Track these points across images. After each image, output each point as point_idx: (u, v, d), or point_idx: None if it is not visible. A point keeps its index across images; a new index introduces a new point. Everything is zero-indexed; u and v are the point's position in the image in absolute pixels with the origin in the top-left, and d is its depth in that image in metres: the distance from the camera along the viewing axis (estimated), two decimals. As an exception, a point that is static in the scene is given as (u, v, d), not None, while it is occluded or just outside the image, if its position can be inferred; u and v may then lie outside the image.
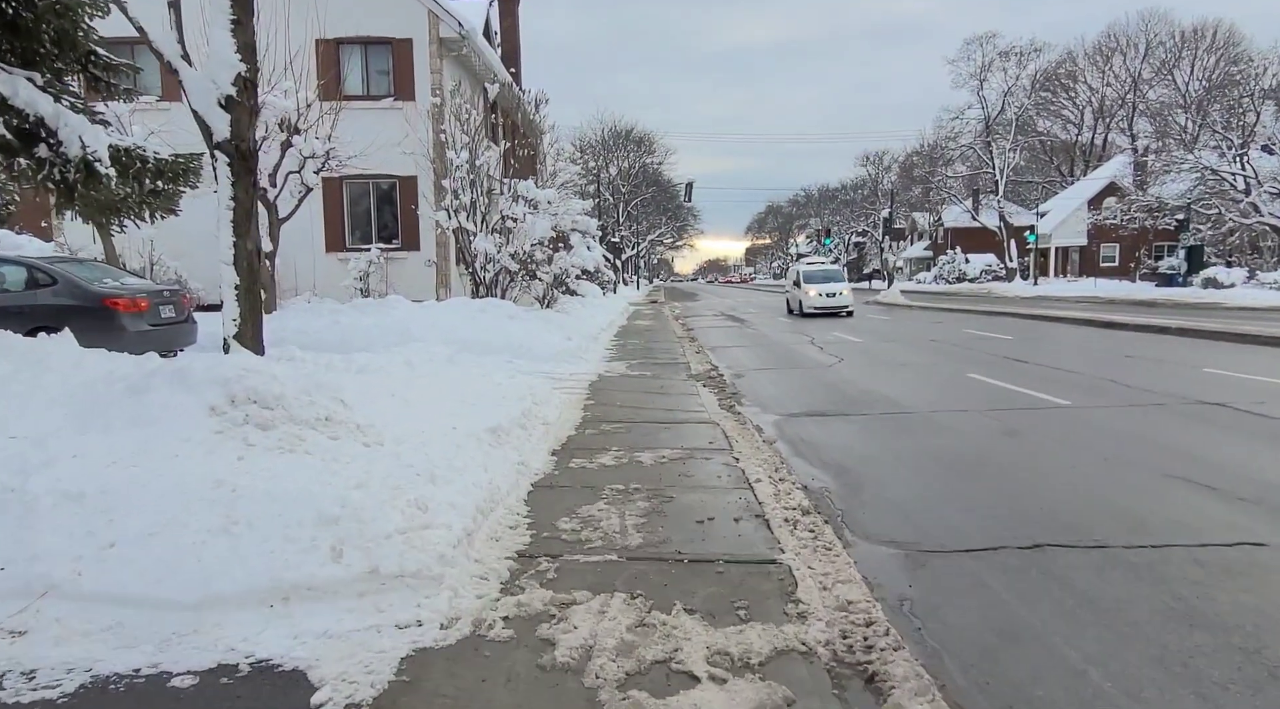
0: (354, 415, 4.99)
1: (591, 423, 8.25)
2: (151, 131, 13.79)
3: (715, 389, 11.49)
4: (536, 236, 14.88)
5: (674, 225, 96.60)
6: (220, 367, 4.66)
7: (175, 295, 11.47)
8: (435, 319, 13.57)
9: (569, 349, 13.46)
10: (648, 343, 18.32)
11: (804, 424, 8.81)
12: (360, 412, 5.13)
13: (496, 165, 16.82)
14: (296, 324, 13.34)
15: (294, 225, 18.25)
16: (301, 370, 5.15)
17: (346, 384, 5.74)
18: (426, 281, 18.70)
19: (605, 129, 77.16)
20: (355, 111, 18.28)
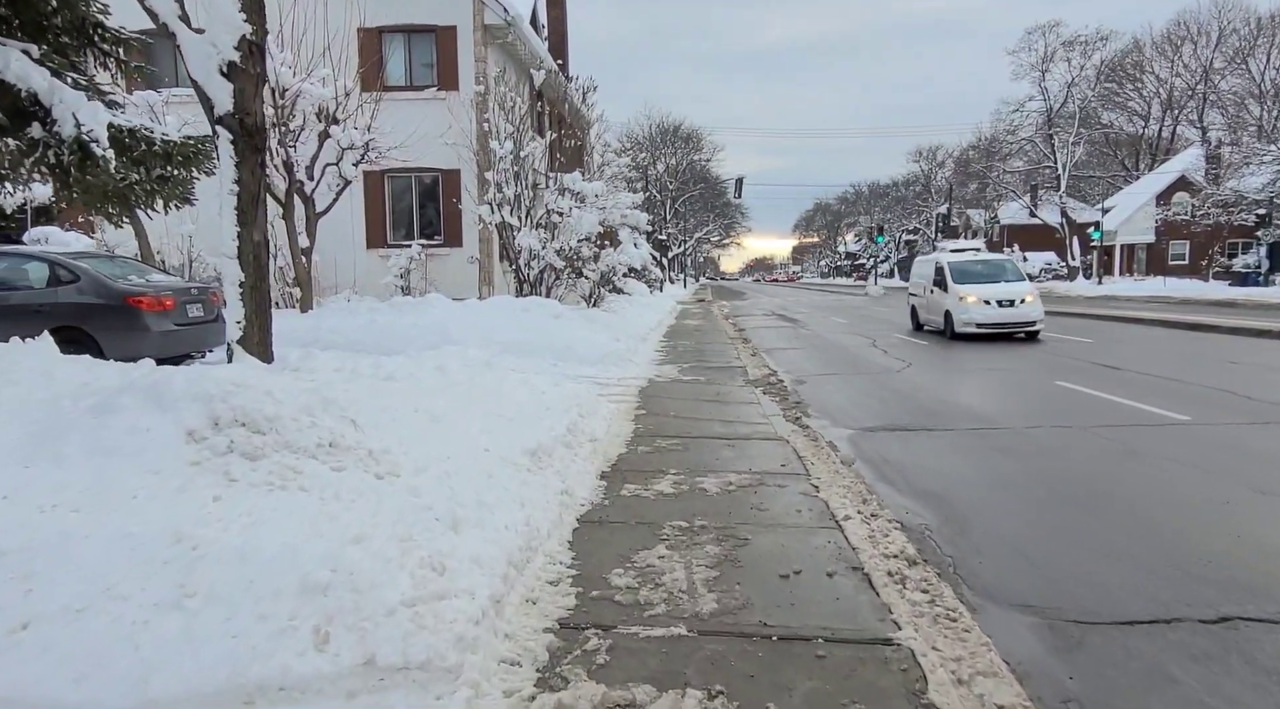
0: (366, 439, 4.16)
1: (645, 438, 7.35)
2: (186, 122, 13.27)
3: (776, 397, 10.52)
4: (583, 232, 14.05)
5: (721, 223, 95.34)
6: (204, 381, 3.86)
7: (204, 293, 10.86)
8: (476, 319, 12.80)
9: (617, 351, 12.59)
10: (699, 344, 17.38)
11: (883, 441, 7.80)
12: (375, 433, 4.31)
13: (542, 157, 16.03)
14: (332, 323, 12.69)
15: (334, 221, 17.69)
16: (305, 384, 4.35)
17: (364, 398, 4.92)
18: (469, 279, 18.00)
19: (652, 125, 76.29)
20: (397, 102, 17.63)
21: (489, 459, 4.65)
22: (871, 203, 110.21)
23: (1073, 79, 56.85)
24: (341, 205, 17.96)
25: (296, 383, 4.34)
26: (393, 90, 17.99)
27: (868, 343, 17.78)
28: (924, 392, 10.80)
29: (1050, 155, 57.55)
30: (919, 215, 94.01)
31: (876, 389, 11.20)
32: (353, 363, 7.42)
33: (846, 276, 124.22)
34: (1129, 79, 64.90)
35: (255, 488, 3.39)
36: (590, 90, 21.00)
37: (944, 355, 15.15)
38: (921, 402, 10.03)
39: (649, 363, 13.44)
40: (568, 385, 8.43)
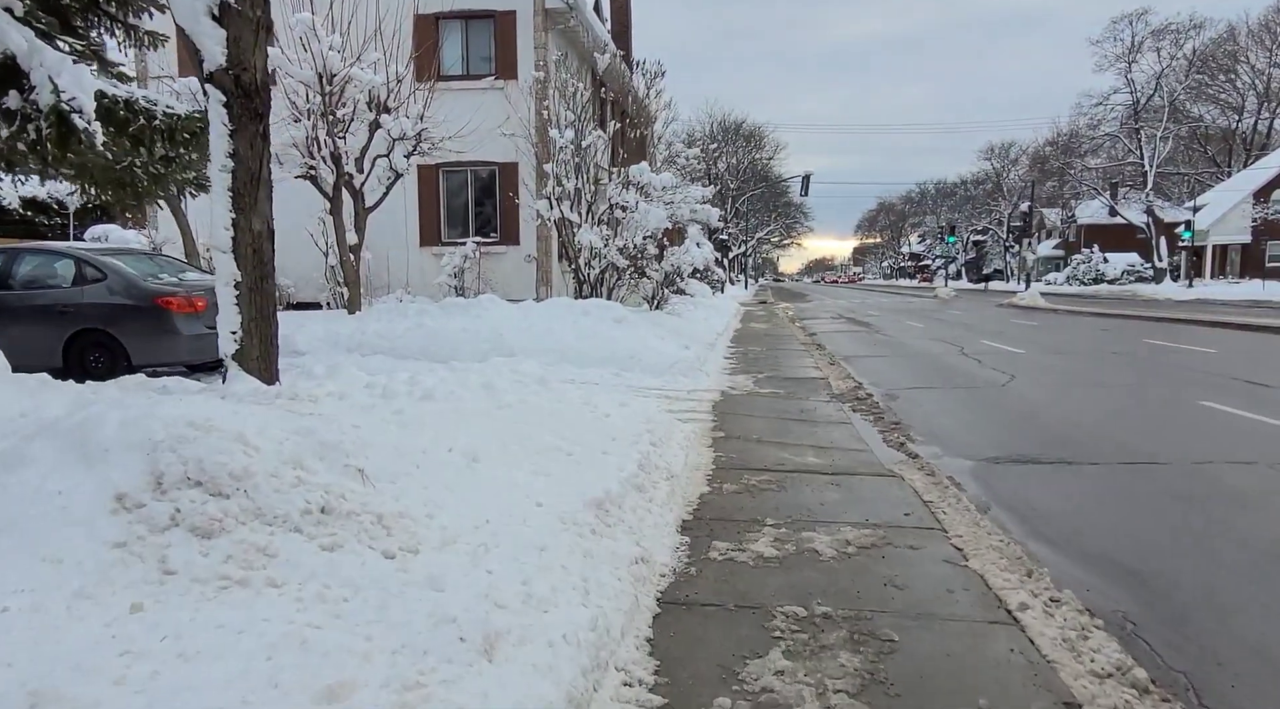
0: (377, 497, 3.07)
1: (729, 471, 6.14)
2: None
3: (869, 415, 9.20)
4: (649, 228, 12.93)
5: (782, 223, 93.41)
6: (149, 421, 2.80)
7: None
8: (532, 323, 11.75)
9: (686, 360, 11.39)
10: (770, 350, 16.08)
11: (1016, 478, 6.45)
12: (391, 488, 3.21)
13: (605, 150, 14.93)
14: (378, 327, 11.78)
15: (385, 218, 16.88)
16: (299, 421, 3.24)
17: (381, 435, 3.82)
18: (526, 279, 17.01)
19: (714, 123, 74.93)
20: (454, 93, 16.74)
21: (541, 519, 3.51)
22: (938, 202, 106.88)
23: (1162, 70, 53.70)
24: (394, 201, 17.14)
25: (287, 419, 3.26)
26: (448, 80, 17.11)
27: (955, 350, 16.24)
28: (1043, 411, 9.36)
29: (1136, 151, 54.43)
30: (989, 214, 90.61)
31: (984, 407, 9.79)
32: (387, 377, 6.37)
33: (910, 278, 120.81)
34: (1221, 70, 61.14)
35: (201, 586, 2.32)
36: (658, 76, 19.80)
37: (1049, 367, 13.58)
38: (1045, 424, 8.60)
39: (720, 372, 12.22)
40: (635, 404, 7.26)
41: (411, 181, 17.36)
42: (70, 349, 8.87)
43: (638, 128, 19.00)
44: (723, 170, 75.84)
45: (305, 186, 13.26)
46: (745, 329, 22.35)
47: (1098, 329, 21.67)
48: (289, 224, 15.92)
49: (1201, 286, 46.20)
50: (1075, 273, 63.45)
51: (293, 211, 14.31)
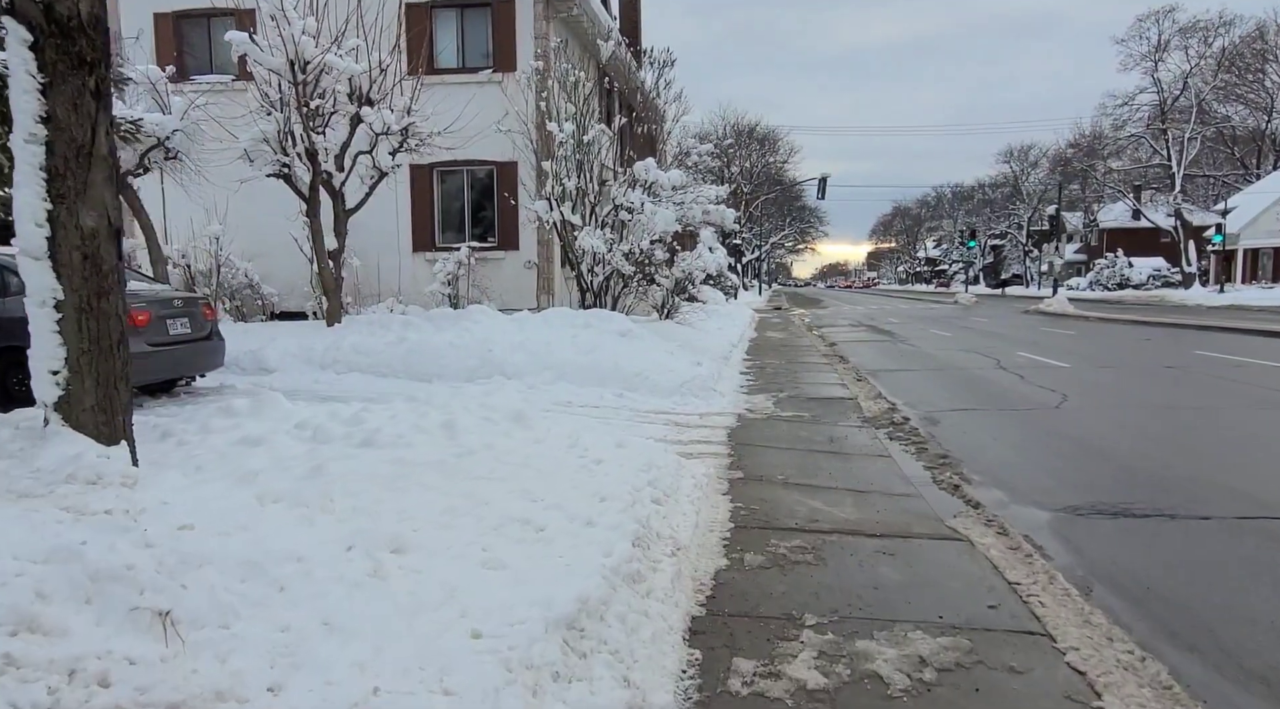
0: (180, 668, 1.84)
1: (751, 531, 4.88)
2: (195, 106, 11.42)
3: (910, 445, 7.93)
4: (657, 231, 11.70)
5: (797, 227, 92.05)
6: None
7: (192, 305, 8.83)
8: (527, 336, 10.54)
9: (698, 378, 10.14)
10: (789, 363, 14.80)
11: (1110, 537, 5.16)
12: (217, 641, 2.00)
13: (610, 146, 13.72)
14: (356, 341, 10.59)
15: (376, 221, 15.74)
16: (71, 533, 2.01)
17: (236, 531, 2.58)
18: (526, 287, 15.82)
19: (727, 126, 73.70)
20: (448, 87, 15.60)
21: (473, 671, 2.26)
22: (955, 206, 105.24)
23: (1190, 69, 52.02)
24: (384, 203, 16.02)
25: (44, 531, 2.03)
26: (442, 73, 16.00)
27: (991, 363, 14.91)
28: (1112, 441, 8.05)
29: (1162, 152, 52.74)
30: (1008, 218, 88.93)
31: (1041, 435, 8.49)
32: (327, 415, 5.16)
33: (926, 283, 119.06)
34: (1249, 69, 59.35)
35: None
36: (667, 65, 18.52)
37: (1101, 384, 12.25)
38: (1121, 459, 7.30)
39: (736, 390, 10.96)
40: (636, 442, 6.00)
41: (403, 182, 16.22)
42: None
43: (645, 123, 17.78)
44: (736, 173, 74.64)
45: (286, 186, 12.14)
46: (761, 339, 21.08)
47: (1139, 338, 20.25)
48: (272, 227, 14.90)
49: (1233, 292, 44.54)
50: (1099, 278, 61.83)
51: (275, 213, 13.23)
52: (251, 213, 14.39)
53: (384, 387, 9.71)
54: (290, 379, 9.92)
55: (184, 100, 11.26)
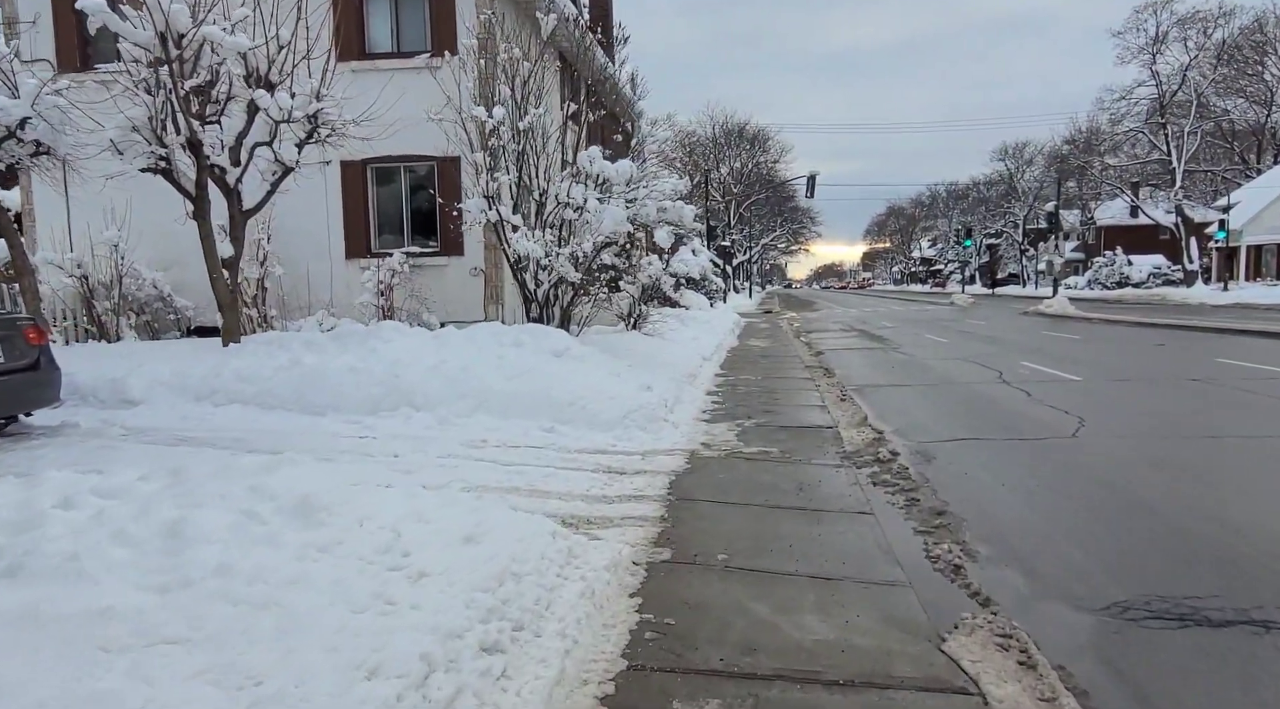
0: None
1: (645, 687, 3.19)
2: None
3: (900, 496, 6.28)
4: (605, 231, 10.03)
5: (789, 228, 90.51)
6: None
7: (9, 326, 7.12)
8: (445, 358, 8.85)
9: (646, 405, 8.46)
10: (767, 378, 13.13)
11: (1190, 670, 3.50)
12: None
13: (561, 136, 12.03)
14: (239, 367, 8.89)
15: (304, 225, 14.08)
16: None
17: None
18: (472, 297, 14.14)
19: (716, 126, 72.13)
20: (382, 73, 13.93)
21: None
22: (949, 205, 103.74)
23: (1189, 61, 50.44)
24: (314, 205, 14.36)
25: None
26: (376, 58, 14.34)
27: (992, 376, 13.27)
28: (1155, 489, 6.38)
29: (1161, 147, 51.14)
30: (1003, 217, 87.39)
31: (1063, 478, 6.81)
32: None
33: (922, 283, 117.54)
34: (1249, 63, 57.83)
35: None
36: (622, 42, 16.83)
37: (1120, 402, 10.60)
38: (1174, 519, 5.62)
39: (695, 419, 9.27)
40: (502, 529, 4.24)
41: (334, 182, 14.57)
42: None
43: (618, 119, 16.06)
44: (725, 174, 72.97)
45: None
46: (741, 348, 19.41)
47: (1149, 343, 18.62)
48: (186, 233, 12.99)
49: (1237, 290, 43.00)
50: (1097, 276, 60.36)
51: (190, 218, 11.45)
52: (161, 217, 12.64)
53: (264, 424, 8.03)
54: (152, 414, 8.24)
55: (37, 84, 9.56)
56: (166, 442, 7.30)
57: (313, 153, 13.21)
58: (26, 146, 10.22)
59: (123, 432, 7.68)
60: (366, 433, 7.69)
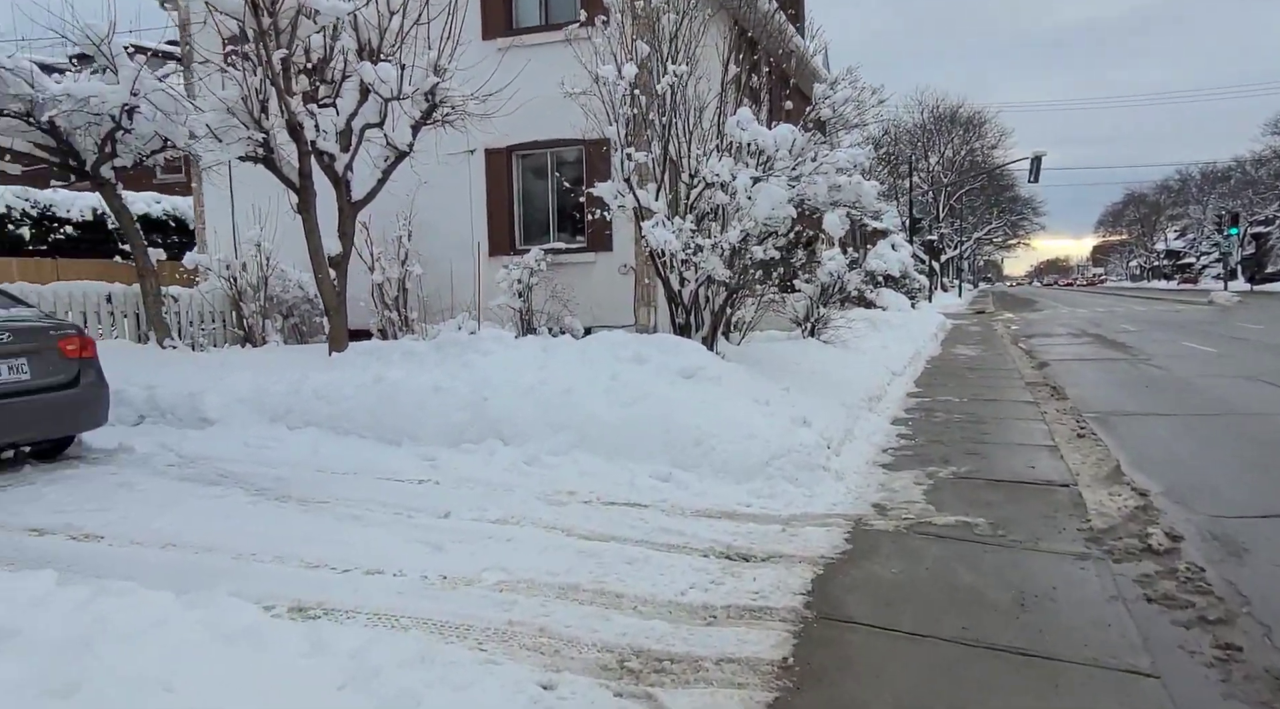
0: None
1: None
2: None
3: (1203, 632, 3.76)
4: (760, 216, 7.89)
5: (1006, 220, 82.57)
6: None
7: (33, 340, 6.13)
8: (544, 378, 7.11)
9: (800, 446, 6.26)
10: (974, 400, 10.39)
11: None
12: None
13: (715, 103, 9.98)
14: (320, 383, 7.62)
15: (446, 221, 13.00)
16: None
17: None
18: (620, 299, 12.43)
19: (925, 111, 66.76)
20: (526, 49, 12.58)
21: None
22: (1204, 190, 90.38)
23: None
24: (458, 198, 13.26)
25: None
26: (522, 33, 12.97)
27: (1297, 403, 9.76)
28: None
29: None
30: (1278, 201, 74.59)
31: None
32: None
33: (1166, 279, 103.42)
34: None
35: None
36: (814, 32, 14.52)
37: None
38: None
39: (869, 462, 6.93)
40: None
41: (478, 170, 13.39)
42: None
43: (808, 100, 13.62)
44: (934, 164, 67.42)
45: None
46: (944, 358, 16.40)
47: None
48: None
49: None
50: None
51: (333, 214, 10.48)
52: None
53: (326, 454, 6.66)
54: (218, 438, 7.13)
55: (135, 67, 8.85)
56: (207, 477, 6.07)
57: (456, 141, 12.07)
58: (146, 140, 9.66)
59: (173, 460, 6.58)
60: (431, 475, 6.09)
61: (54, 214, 18.61)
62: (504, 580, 4.11)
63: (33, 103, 9.04)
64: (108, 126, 9.24)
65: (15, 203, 18.18)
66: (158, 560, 4.34)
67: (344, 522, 4.97)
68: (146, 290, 10.23)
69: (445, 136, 11.14)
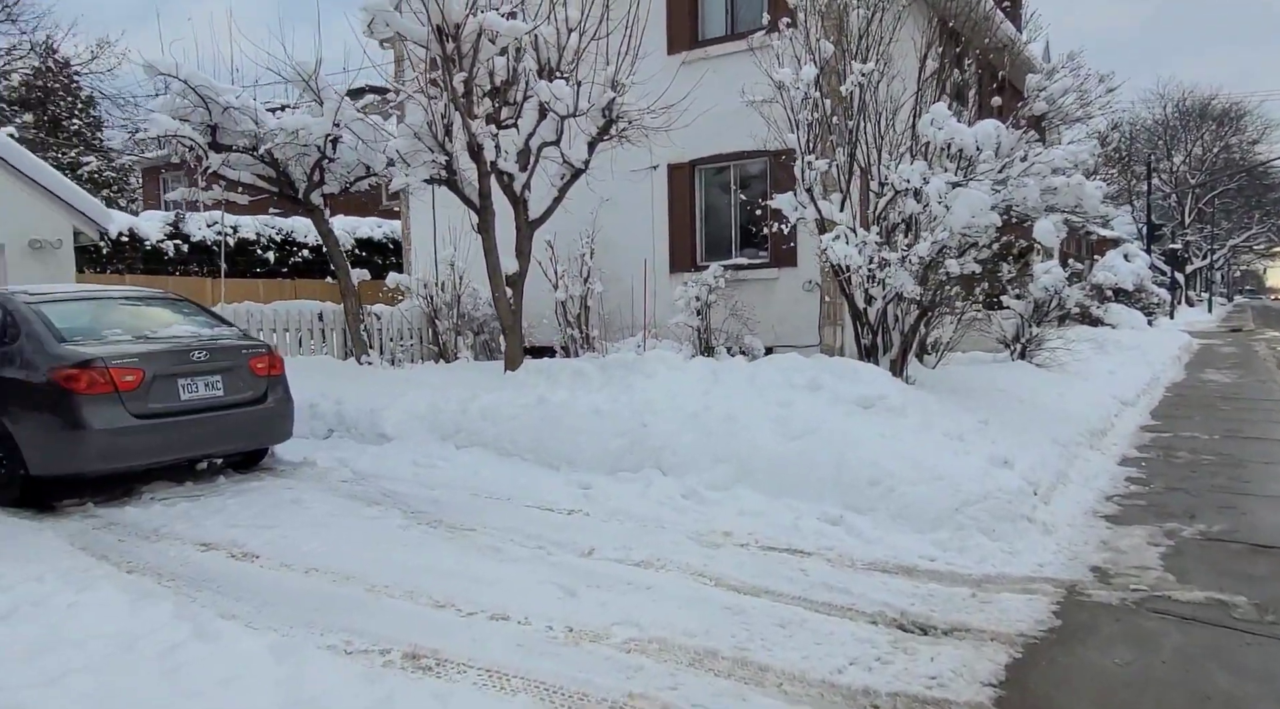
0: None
1: None
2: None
3: None
4: (959, 225, 6.95)
5: (1271, 224, 72.11)
6: None
7: (222, 357, 6.45)
8: (709, 403, 6.63)
9: (999, 490, 5.36)
10: (1228, 437, 8.69)
11: None
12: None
13: (910, 104, 9.10)
14: (488, 403, 7.58)
15: (627, 237, 12.90)
16: None
17: None
18: (805, 317, 11.72)
19: (1167, 106, 59.76)
20: (711, 61, 12.27)
21: None
22: None
23: None
24: (638, 214, 13.13)
25: None
26: (707, 45, 12.65)
27: None
28: None
29: None
30: None
31: None
32: None
33: None
34: None
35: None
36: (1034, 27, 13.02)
37: None
38: None
39: (1087, 513, 5.84)
40: None
41: (660, 186, 13.19)
42: (-20, 443, 6.05)
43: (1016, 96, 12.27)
44: (1179, 164, 60.11)
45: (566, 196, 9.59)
46: (1188, 385, 14.15)
47: None
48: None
49: None
50: None
51: (546, 229, 10.69)
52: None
53: (485, 477, 6.55)
54: (396, 454, 7.26)
55: (338, 99, 9.34)
56: (371, 496, 6.13)
57: (638, 157, 11.96)
58: (350, 167, 10.24)
59: (346, 476, 6.74)
60: (582, 505, 5.78)
61: (293, 239, 20.59)
62: (634, 639, 3.67)
63: (257, 137, 9.86)
64: (315, 156, 9.88)
65: (262, 231, 20.38)
66: (297, 587, 4.30)
67: (484, 554, 4.75)
68: (348, 309, 10.86)
69: (626, 153, 11.01)
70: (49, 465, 5.78)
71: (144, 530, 5.32)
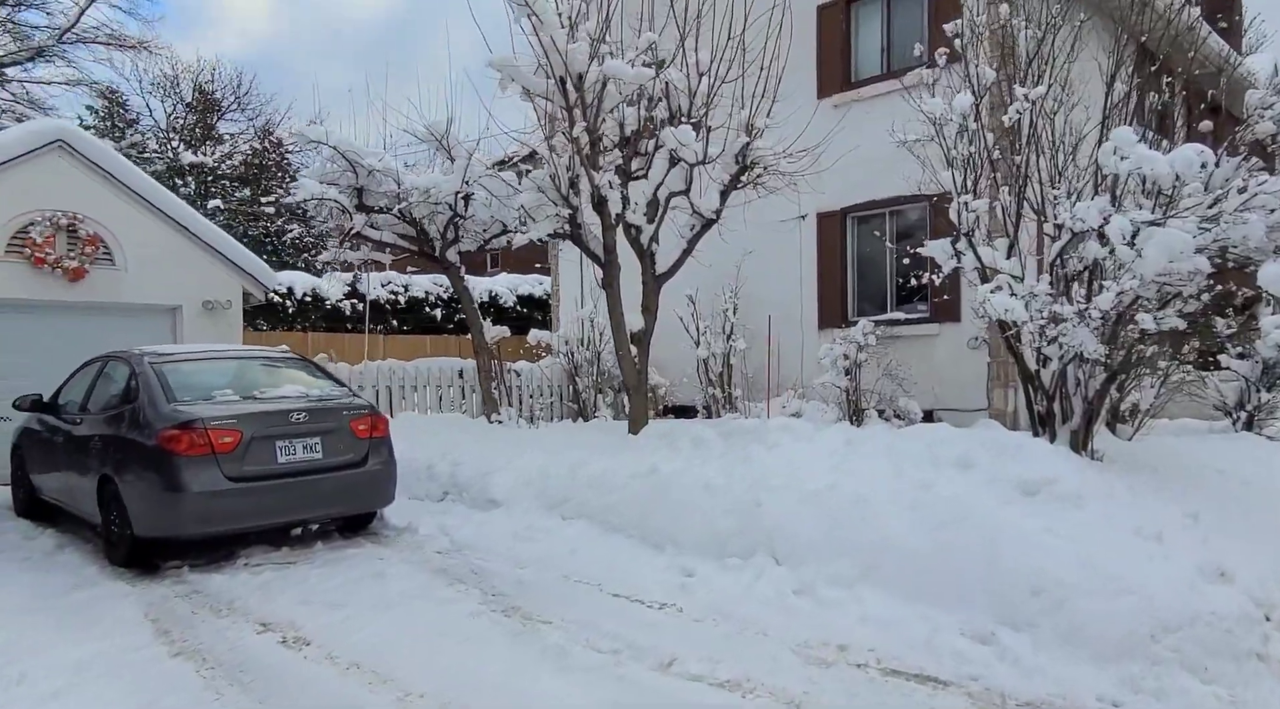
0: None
1: None
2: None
3: None
4: (1152, 271, 5.66)
5: None
6: None
7: (322, 418, 6.26)
8: (836, 480, 5.69)
9: (1211, 612, 4.10)
10: None
11: None
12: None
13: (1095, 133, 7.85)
14: (597, 471, 7.00)
15: (772, 291, 12.11)
16: None
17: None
18: (970, 378, 10.40)
19: None
20: (864, 103, 11.48)
21: None
22: None
23: None
24: (787, 267, 12.32)
25: None
26: (859, 86, 11.81)
27: None
28: None
29: None
30: None
31: None
32: None
33: None
34: None
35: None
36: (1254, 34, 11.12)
37: None
38: None
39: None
40: None
41: (809, 236, 12.34)
42: (103, 503, 6.15)
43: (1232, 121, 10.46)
44: None
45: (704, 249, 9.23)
46: None
47: None
48: (663, 303, 11.82)
49: None
50: None
51: (668, 288, 10.24)
52: (629, 290, 11.82)
53: (584, 557, 5.92)
54: (500, 523, 6.80)
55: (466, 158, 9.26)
56: (457, 572, 5.66)
57: (784, 206, 11.25)
58: (486, 225, 10.20)
59: (442, 546, 6.34)
60: (677, 597, 5.00)
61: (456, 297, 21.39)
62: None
63: (398, 197, 10.03)
64: (447, 214, 9.90)
65: (431, 289, 21.30)
66: (329, 689, 3.84)
67: (545, 659, 4.09)
68: (480, 366, 10.75)
69: (772, 203, 10.34)
70: (151, 527, 5.74)
71: (219, 602, 5.10)
